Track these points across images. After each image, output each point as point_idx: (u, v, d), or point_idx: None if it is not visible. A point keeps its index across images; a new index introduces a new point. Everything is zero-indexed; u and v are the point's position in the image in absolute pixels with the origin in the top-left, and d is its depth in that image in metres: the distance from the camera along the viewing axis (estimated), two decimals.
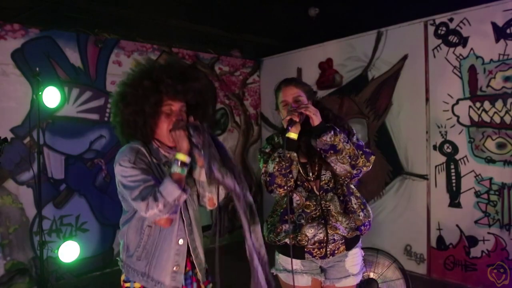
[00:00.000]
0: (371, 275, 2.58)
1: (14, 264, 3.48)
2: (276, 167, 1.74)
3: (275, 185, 1.77)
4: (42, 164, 3.58)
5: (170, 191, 1.42)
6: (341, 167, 1.73)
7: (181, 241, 1.58)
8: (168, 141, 1.56)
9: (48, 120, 3.64)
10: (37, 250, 3.43)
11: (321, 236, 1.76)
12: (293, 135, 1.74)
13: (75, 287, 3.66)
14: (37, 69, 3.26)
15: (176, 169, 1.46)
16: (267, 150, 1.89)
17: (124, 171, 1.49)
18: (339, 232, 1.76)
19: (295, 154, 1.76)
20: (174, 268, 1.56)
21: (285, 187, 1.76)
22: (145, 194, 1.43)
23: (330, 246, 1.77)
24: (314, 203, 1.79)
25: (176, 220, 1.57)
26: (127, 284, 1.61)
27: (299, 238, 1.77)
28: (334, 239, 1.77)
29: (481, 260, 3.31)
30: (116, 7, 3.39)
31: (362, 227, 1.80)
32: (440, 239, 3.57)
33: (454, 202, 3.47)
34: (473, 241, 3.36)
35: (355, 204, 1.82)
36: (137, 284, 1.59)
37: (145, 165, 1.53)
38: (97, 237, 3.98)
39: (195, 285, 1.65)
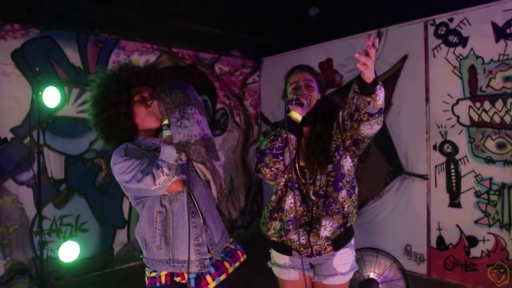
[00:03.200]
0: (371, 275, 2.57)
1: (14, 264, 3.48)
2: (269, 145, 1.65)
3: (262, 164, 1.66)
4: (42, 164, 3.58)
5: (169, 153, 1.48)
6: (375, 128, 1.56)
7: (194, 214, 1.61)
8: (152, 123, 1.63)
9: (48, 120, 3.64)
10: (37, 250, 3.43)
11: (303, 242, 1.74)
12: (295, 115, 1.64)
13: (75, 287, 3.66)
14: (37, 69, 3.26)
15: (166, 133, 1.51)
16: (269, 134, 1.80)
17: (120, 168, 1.54)
18: (322, 238, 1.72)
19: (292, 137, 1.64)
20: (196, 241, 1.58)
21: (272, 168, 1.65)
22: (147, 170, 1.49)
23: (315, 247, 1.76)
24: (306, 209, 1.75)
25: (184, 197, 1.59)
26: (153, 274, 1.63)
27: (284, 239, 1.77)
28: (317, 243, 1.75)
29: (481, 260, 3.31)
30: (116, 7, 3.39)
31: (344, 220, 1.72)
32: (440, 239, 3.57)
33: (454, 202, 3.47)
34: (473, 241, 3.36)
35: (341, 198, 1.70)
36: (163, 273, 1.61)
37: (137, 154, 1.59)
38: (97, 237, 3.98)
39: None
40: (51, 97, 3.29)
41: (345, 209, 1.72)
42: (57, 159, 3.73)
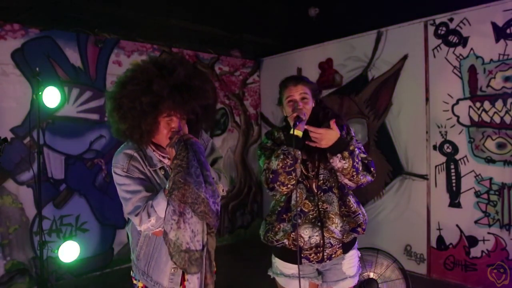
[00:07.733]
0: (371, 275, 2.57)
1: (14, 264, 3.48)
2: (281, 164, 1.67)
3: (278, 183, 1.70)
4: (42, 164, 3.57)
5: (163, 207, 1.42)
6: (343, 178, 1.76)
7: None
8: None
9: (48, 120, 3.64)
10: (37, 250, 3.43)
11: (317, 239, 1.73)
12: (297, 132, 1.70)
13: (75, 287, 3.66)
14: (37, 69, 3.26)
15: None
16: (268, 145, 1.85)
17: (118, 179, 1.51)
18: (335, 236, 1.73)
19: (299, 152, 1.71)
20: (172, 271, 1.57)
21: (288, 185, 1.71)
22: (138, 208, 1.45)
23: (327, 251, 1.75)
24: (312, 203, 1.76)
25: None
26: (135, 281, 1.66)
27: (294, 237, 1.73)
28: (331, 243, 1.75)
29: (481, 260, 3.31)
30: (116, 7, 3.39)
31: (359, 228, 1.78)
32: (440, 239, 3.57)
33: (454, 202, 3.47)
34: (473, 241, 3.36)
35: (353, 204, 1.80)
36: (140, 283, 1.62)
37: (138, 172, 1.52)
38: (97, 237, 3.98)
39: None
40: (51, 97, 3.29)
41: (357, 219, 1.78)
42: (57, 159, 3.73)
